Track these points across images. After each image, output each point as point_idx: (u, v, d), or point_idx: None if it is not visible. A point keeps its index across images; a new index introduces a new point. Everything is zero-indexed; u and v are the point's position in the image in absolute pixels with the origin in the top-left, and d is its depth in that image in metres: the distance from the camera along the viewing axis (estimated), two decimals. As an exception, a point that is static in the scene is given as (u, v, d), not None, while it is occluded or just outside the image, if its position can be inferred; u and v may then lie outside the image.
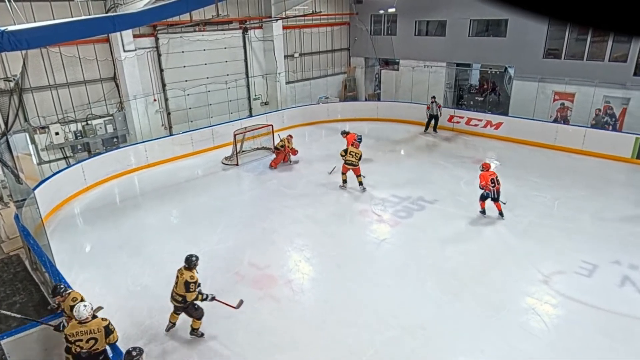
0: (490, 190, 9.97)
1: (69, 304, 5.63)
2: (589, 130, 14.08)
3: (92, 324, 5.33)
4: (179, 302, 6.57)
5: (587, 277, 7.95)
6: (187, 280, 6.43)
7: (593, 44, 14.59)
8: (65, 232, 10.30)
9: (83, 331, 5.28)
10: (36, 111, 13.31)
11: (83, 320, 5.28)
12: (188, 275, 6.47)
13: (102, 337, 5.31)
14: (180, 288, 6.49)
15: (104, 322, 5.36)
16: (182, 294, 6.49)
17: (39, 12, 12.55)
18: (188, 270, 6.57)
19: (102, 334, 5.30)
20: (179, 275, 6.57)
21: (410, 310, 7.22)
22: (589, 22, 0.78)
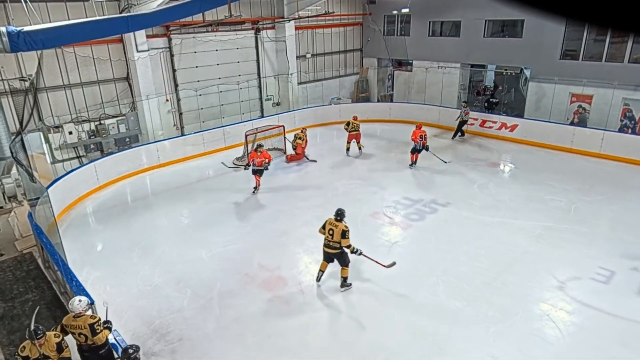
0: (417, 143, 13.14)
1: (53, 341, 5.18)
2: (607, 133, 13.77)
3: (82, 320, 5.36)
4: (336, 249, 7.61)
5: (604, 284, 7.75)
6: (344, 229, 7.51)
7: (612, 44, 14.29)
8: (78, 231, 10.37)
9: (75, 325, 5.36)
10: (50, 111, 13.47)
11: (76, 314, 5.37)
12: (343, 226, 7.54)
13: (88, 333, 5.32)
14: (337, 236, 7.52)
15: (91, 320, 5.35)
16: (339, 241, 7.52)
17: (55, 13, 12.69)
18: (340, 222, 7.59)
19: (88, 330, 5.31)
20: (334, 228, 7.56)
21: (422, 314, 7.10)
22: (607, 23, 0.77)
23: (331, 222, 7.67)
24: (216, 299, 7.64)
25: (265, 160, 11.70)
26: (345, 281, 7.84)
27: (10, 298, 8.06)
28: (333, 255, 7.72)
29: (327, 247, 7.71)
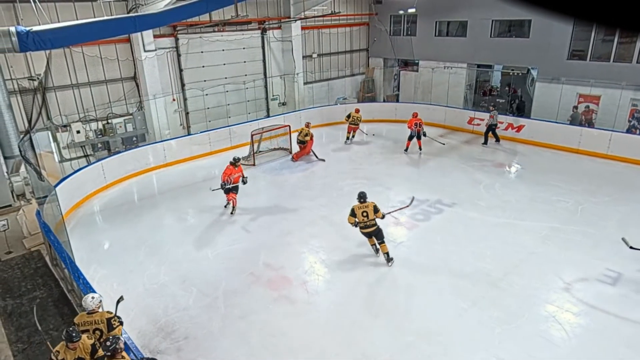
0: (412, 130, 14.23)
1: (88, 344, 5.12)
2: (614, 134, 13.66)
3: (97, 315, 5.41)
4: (374, 226, 8.33)
5: (611, 286, 7.68)
6: (374, 206, 8.31)
7: (620, 45, 14.17)
8: (85, 230, 10.45)
9: (89, 321, 5.39)
10: (58, 110, 13.59)
11: (90, 311, 5.40)
12: (372, 203, 8.34)
13: (105, 329, 5.36)
14: (372, 214, 8.23)
15: (108, 315, 5.42)
16: (374, 218, 8.24)
17: (63, 13, 12.79)
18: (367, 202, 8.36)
19: (105, 325, 5.35)
20: (366, 209, 8.26)
21: (427, 315, 7.08)
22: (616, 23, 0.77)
23: (360, 207, 8.33)
24: (221, 297, 7.66)
25: (242, 175, 10.79)
26: (389, 256, 8.45)
27: (19, 295, 8.13)
28: (372, 232, 8.41)
29: (366, 228, 8.34)
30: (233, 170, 10.58)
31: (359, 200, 8.42)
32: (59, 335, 7.01)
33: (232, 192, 10.68)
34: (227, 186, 10.48)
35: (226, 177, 10.46)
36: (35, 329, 7.19)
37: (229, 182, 10.45)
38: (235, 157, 10.96)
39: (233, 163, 10.74)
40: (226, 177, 10.46)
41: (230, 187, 10.53)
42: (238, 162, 10.79)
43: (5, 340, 6.96)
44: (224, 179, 10.45)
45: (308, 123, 14.63)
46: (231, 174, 10.50)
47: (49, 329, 7.25)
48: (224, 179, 10.43)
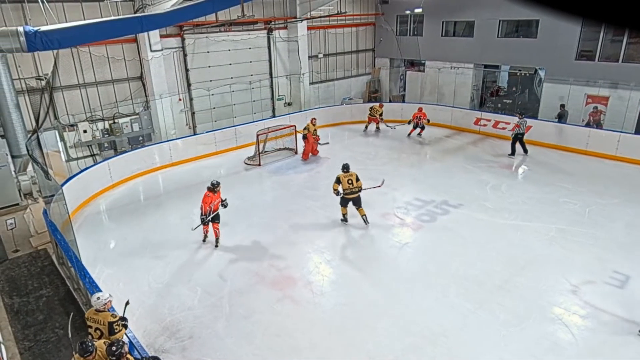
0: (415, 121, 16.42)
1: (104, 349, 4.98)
2: (623, 135, 13.52)
3: (102, 316, 5.41)
4: (357, 192, 9.73)
5: (619, 288, 7.61)
6: (357, 175, 9.74)
7: (629, 45, 14.03)
8: (91, 229, 10.50)
9: (95, 319, 5.42)
10: (66, 109, 13.67)
11: (97, 309, 5.43)
12: (355, 174, 9.70)
13: (105, 331, 5.36)
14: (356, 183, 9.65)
15: (111, 319, 5.39)
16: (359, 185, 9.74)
17: (70, 13, 12.86)
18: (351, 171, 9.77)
19: (106, 328, 5.35)
20: (350, 177, 9.64)
21: (432, 317, 7.05)
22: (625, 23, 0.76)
23: (345, 175, 9.76)
24: (226, 297, 7.67)
25: (222, 199, 9.26)
26: (366, 217, 9.90)
27: (25, 293, 8.18)
28: (353, 198, 9.77)
29: (351, 194, 9.75)
30: (213, 197, 9.01)
31: (343, 170, 9.86)
32: (64, 333, 7.05)
33: (215, 222, 9.19)
34: (209, 218, 9.05)
35: (207, 207, 8.98)
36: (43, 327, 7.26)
37: (210, 213, 9.02)
38: (213, 182, 9.17)
39: (212, 189, 9.08)
40: (207, 207, 8.98)
41: (212, 216, 9.09)
42: (217, 187, 9.13)
43: (12, 338, 7.00)
44: (205, 210, 8.98)
45: (313, 119, 14.66)
46: (212, 202, 8.98)
47: (55, 327, 7.29)
48: (205, 211, 8.98)
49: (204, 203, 9.00)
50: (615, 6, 0.74)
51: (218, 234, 9.29)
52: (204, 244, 9.36)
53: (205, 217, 9.03)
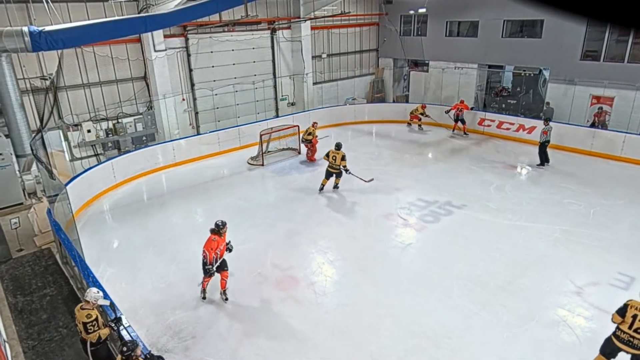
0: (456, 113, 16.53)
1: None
2: (628, 136, 13.43)
3: (79, 315, 5.42)
4: (337, 169, 11.46)
5: (624, 290, 7.54)
6: (343, 155, 11.33)
7: (635, 45, 13.94)
8: (95, 228, 10.51)
9: (76, 316, 5.47)
10: (70, 109, 13.71)
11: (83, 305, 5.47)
12: (342, 153, 11.36)
13: (82, 329, 5.37)
14: (338, 161, 11.33)
15: (85, 319, 5.37)
16: (339, 164, 11.35)
17: (75, 13, 12.90)
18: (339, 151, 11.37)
19: (81, 327, 5.36)
20: (335, 155, 11.35)
21: (435, 318, 7.01)
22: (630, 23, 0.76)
23: (333, 152, 11.43)
24: (229, 297, 7.65)
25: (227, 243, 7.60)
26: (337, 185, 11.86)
27: (29, 292, 8.20)
28: (335, 173, 11.57)
29: (331, 168, 11.53)
30: (219, 240, 7.31)
31: (335, 147, 11.49)
32: (68, 332, 7.09)
33: (223, 271, 7.51)
34: (215, 267, 7.36)
35: (212, 254, 7.25)
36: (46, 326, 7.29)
37: (216, 261, 7.35)
38: (218, 223, 7.38)
39: (217, 231, 7.34)
40: (212, 254, 7.25)
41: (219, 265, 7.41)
42: (223, 229, 7.42)
43: (16, 337, 7.02)
44: (210, 258, 7.24)
45: (315, 123, 14.65)
46: (217, 247, 7.29)
47: (59, 326, 7.31)
48: (210, 259, 7.24)
49: (207, 249, 7.23)
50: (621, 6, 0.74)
51: (226, 284, 7.57)
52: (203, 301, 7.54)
53: (210, 266, 7.27)
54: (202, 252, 7.31)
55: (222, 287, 7.59)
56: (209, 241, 7.30)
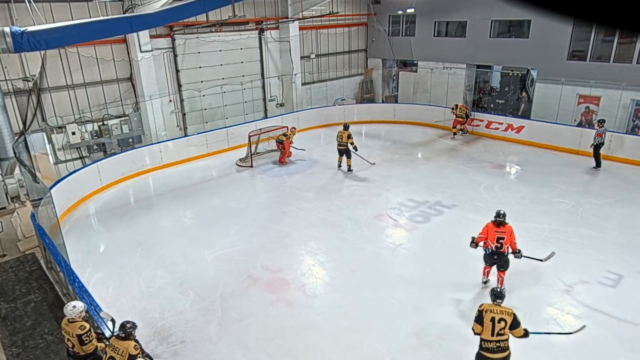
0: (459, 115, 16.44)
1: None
2: (615, 135, 13.58)
3: (71, 327, 5.28)
4: (344, 147, 12.76)
5: (612, 288, 7.63)
6: (349, 134, 12.64)
7: (620, 45, 14.11)
8: (80, 232, 10.34)
9: (66, 330, 5.29)
10: (54, 111, 13.47)
11: (69, 319, 5.30)
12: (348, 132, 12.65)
13: (76, 343, 5.24)
14: (345, 139, 12.63)
15: (79, 331, 5.25)
16: (346, 142, 12.65)
17: (58, 13, 12.67)
18: (346, 130, 12.75)
19: (76, 340, 5.23)
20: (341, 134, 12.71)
21: (427, 318, 7.01)
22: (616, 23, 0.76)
23: (340, 132, 12.76)
24: (219, 300, 7.58)
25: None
26: (350, 167, 13.01)
27: (13, 299, 8.02)
28: (342, 150, 12.89)
29: (339, 146, 12.87)
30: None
31: (343, 127, 12.83)
32: (53, 339, 6.94)
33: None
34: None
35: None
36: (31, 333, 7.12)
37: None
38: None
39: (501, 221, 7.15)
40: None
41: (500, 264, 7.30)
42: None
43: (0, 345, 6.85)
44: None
45: (293, 128, 14.61)
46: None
47: (44, 333, 7.17)
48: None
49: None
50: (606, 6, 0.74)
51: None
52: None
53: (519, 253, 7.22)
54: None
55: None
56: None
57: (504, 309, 5.30)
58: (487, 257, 7.39)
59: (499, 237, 7.13)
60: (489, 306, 5.35)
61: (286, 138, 14.08)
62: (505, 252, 7.16)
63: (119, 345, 5.01)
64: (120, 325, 5.11)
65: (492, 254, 7.25)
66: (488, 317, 5.25)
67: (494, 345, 5.27)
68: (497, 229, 7.17)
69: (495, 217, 7.24)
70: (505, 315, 5.24)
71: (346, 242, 9.46)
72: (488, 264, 7.50)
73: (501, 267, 7.32)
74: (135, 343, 5.11)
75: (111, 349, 5.06)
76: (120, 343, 5.03)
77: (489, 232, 7.20)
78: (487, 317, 5.25)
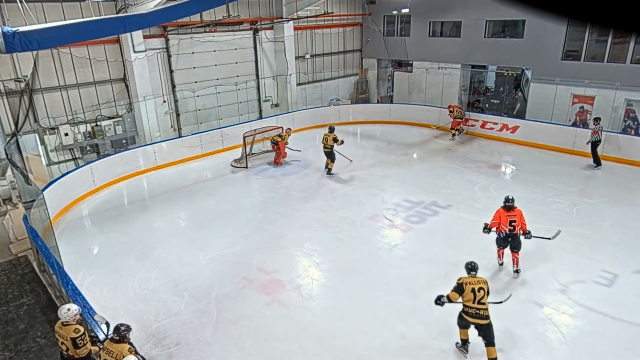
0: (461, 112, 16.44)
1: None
2: (609, 135, 13.64)
3: (65, 330, 5.25)
4: (329, 149, 12.84)
5: (607, 287, 7.65)
6: (334, 137, 12.72)
7: (614, 45, 14.17)
8: (74, 234, 10.25)
9: (60, 333, 5.27)
10: (46, 112, 13.34)
11: (64, 322, 5.28)
12: (333, 135, 12.72)
13: (70, 346, 5.21)
14: (330, 142, 12.73)
15: (73, 334, 5.22)
16: (331, 145, 12.71)
17: (50, 13, 12.57)
18: (331, 133, 12.78)
19: (70, 344, 5.20)
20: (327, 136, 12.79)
21: (423, 319, 7.00)
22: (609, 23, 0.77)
23: (326, 134, 12.87)
24: (214, 302, 7.55)
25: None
26: (330, 171, 12.97)
27: (5, 302, 7.95)
28: (326, 153, 12.91)
29: (325, 148, 12.90)
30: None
31: (328, 130, 12.99)
32: (46, 342, 6.87)
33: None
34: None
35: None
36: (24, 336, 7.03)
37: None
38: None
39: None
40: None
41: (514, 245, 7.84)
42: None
43: (-9, 349, 6.77)
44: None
45: (289, 129, 14.57)
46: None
47: (37, 336, 7.10)
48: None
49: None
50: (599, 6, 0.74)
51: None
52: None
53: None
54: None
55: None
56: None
57: (480, 279, 5.99)
58: (501, 240, 7.88)
59: (511, 220, 7.67)
60: (467, 279, 5.98)
61: (281, 139, 14.02)
62: (518, 234, 7.70)
63: (114, 349, 4.99)
64: (114, 328, 5.10)
65: (507, 237, 7.76)
66: (469, 289, 5.87)
67: (474, 312, 5.91)
68: (508, 213, 7.74)
69: (505, 202, 7.85)
70: (482, 284, 5.93)
71: (342, 243, 9.43)
72: (502, 246, 8.01)
73: (515, 248, 7.81)
74: (130, 346, 5.10)
75: (105, 352, 5.02)
76: (114, 346, 5.01)
77: (501, 217, 7.74)
78: (467, 289, 5.86)
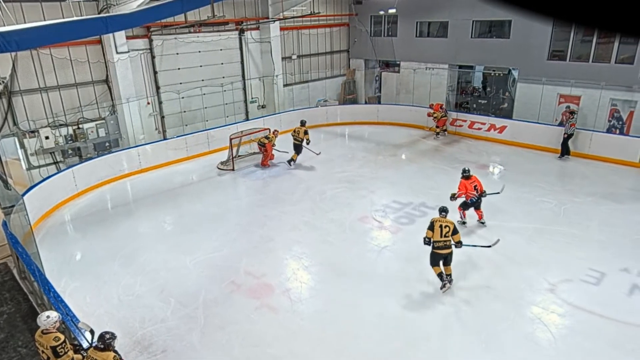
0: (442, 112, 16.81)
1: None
2: (595, 134, 13.80)
3: (45, 339, 5.09)
4: (299, 142, 13.46)
5: (595, 286, 7.71)
6: (305, 130, 13.32)
7: (599, 45, 14.34)
8: (55, 240, 10.03)
9: (40, 342, 5.11)
10: (26, 115, 13.03)
11: (44, 330, 5.13)
12: (304, 128, 13.32)
13: (51, 355, 5.05)
14: (301, 135, 13.33)
15: (53, 342, 5.05)
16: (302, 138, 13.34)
17: (29, 13, 12.28)
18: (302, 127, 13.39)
19: (50, 352, 5.04)
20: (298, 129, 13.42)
21: (413, 320, 6.99)
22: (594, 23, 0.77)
23: (298, 128, 13.48)
24: (201, 308, 7.43)
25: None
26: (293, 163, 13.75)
27: (-17, 311, 7.69)
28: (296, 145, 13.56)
29: (295, 140, 13.47)
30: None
31: (300, 124, 13.58)
32: (28, 352, 6.67)
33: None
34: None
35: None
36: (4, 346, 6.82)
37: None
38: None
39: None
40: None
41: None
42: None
43: (-31, 361, 6.55)
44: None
45: (276, 131, 14.42)
46: None
47: (18, 346, 6.88)
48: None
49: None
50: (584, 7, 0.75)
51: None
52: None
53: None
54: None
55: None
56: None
57: (448, 221, 7.40)
58: (467, 204, 9.62)
59: (474, 186, 9.45)
60: (437, 218, 7.46)
61: (268, 141, 13.89)
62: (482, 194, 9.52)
63: (98, 357, 4.88)
64: (99, 335, 4.99)
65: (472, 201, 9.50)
66: (437, 225, 7.34)
67: (442, 244, 7.34)
68: (469, 181, 9.46)
69: (463, 173, 9.57)
70: (449, 223, 7.35)
71: (331, 245, 9.36)
72: (466, 209, 9.75)
73: (478, 207, 9.64)
74: (115, 354, 4.99)
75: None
76: (99, 354, 4.90)
77: (466, 186, 9.41)
78: (437, 225, 7.34)
